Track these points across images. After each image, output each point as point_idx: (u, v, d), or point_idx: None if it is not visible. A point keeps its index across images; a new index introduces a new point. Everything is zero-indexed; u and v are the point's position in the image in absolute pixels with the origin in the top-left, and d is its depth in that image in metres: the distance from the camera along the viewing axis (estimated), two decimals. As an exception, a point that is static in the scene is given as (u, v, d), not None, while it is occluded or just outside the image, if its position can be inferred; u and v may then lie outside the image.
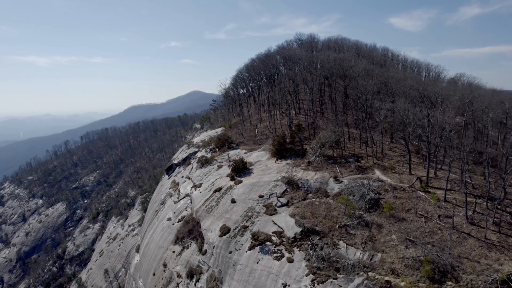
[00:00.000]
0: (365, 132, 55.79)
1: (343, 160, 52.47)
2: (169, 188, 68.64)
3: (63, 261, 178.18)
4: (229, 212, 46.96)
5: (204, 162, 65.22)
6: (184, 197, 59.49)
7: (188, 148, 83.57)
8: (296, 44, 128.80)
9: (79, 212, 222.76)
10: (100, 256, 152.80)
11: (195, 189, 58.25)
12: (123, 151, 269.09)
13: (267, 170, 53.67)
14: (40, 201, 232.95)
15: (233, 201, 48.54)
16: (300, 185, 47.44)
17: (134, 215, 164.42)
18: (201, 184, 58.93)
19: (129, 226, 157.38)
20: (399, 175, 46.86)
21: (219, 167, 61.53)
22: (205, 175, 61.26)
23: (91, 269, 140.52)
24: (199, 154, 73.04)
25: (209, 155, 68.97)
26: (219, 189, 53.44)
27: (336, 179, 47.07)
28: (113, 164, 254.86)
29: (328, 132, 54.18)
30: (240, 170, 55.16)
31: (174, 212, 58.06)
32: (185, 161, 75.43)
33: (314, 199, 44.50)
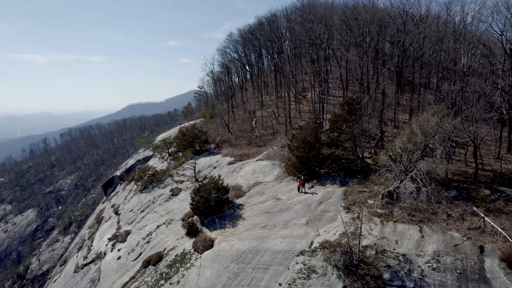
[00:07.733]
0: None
1: (486, 191, 19.50)
2: (88, 227, 36.37)
3: (24, 281, 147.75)
4: None
5: (149, 181, 32.39)
6: (91, 262, 27.00)
7: (143, 151, 50.94)
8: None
9: (51, 221, 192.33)
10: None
11: (113, 248, 25.68)
12: (105, 151, 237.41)
13: (280, 214, 20.88)
14: (9, 207, 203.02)
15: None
16: (387, 277, 14.86)
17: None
18: (128, 234, 26.34)
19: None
20: None
21: (174, 193, 28.79)
22: (143, 210, 28.64)
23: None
24: (150, 163, 40.41)
25: (163, 166, 36.22)
26: (156, 261, 20.98)
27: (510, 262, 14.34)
28: (94, 165, 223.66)
29: (433, 115, 20.95)
30: (212, 209, 22.57)
31: (65, 299, 25.73)
32: (129, 173, 42.79)
33: None
